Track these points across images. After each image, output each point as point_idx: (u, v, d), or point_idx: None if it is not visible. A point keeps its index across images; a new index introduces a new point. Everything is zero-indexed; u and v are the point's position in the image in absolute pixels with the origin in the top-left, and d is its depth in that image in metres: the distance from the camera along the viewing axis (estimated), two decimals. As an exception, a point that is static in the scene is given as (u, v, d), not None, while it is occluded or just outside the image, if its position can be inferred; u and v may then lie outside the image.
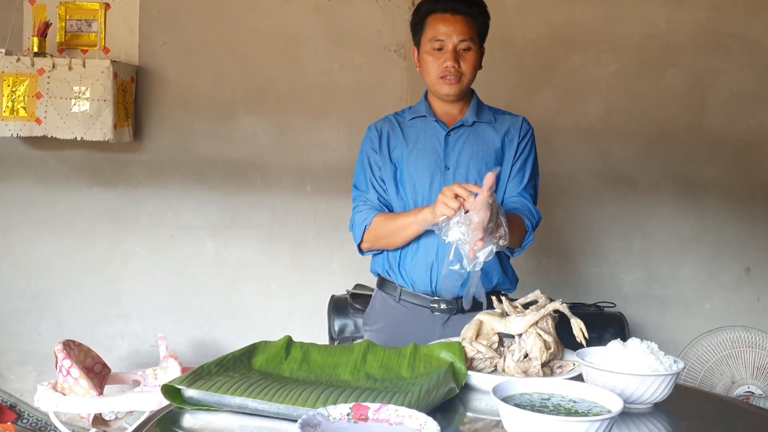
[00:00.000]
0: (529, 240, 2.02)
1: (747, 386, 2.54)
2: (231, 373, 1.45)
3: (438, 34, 2.03)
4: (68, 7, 3.60)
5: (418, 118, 2.14)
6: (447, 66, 2.02)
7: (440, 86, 2.06)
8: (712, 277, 3.58)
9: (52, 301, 3.71)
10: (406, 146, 2.11)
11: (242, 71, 3.63)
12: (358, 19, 3.57)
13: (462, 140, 2.09)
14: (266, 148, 3.64)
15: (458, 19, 2.02)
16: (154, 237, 3.69)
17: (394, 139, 2.12)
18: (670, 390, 1.44)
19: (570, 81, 3.55)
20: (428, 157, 2.08)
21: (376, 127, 2.16)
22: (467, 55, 2.04)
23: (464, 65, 2.04)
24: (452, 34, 2.02)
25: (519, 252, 2.05)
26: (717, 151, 3.53)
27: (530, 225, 2.01)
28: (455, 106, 2.12)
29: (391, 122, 2.16)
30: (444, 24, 2.02)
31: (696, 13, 3.49)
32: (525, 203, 2.06)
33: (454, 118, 2.12)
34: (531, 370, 1.57)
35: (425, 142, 2.10)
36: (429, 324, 2.06)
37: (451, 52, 2.02)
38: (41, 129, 3.33)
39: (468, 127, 2.10)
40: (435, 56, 2.04)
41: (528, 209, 2.04)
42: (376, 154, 2.12)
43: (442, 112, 2.13)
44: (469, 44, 2.03)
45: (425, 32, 2.06)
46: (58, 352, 2.87)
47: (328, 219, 3.58)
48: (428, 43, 2.05)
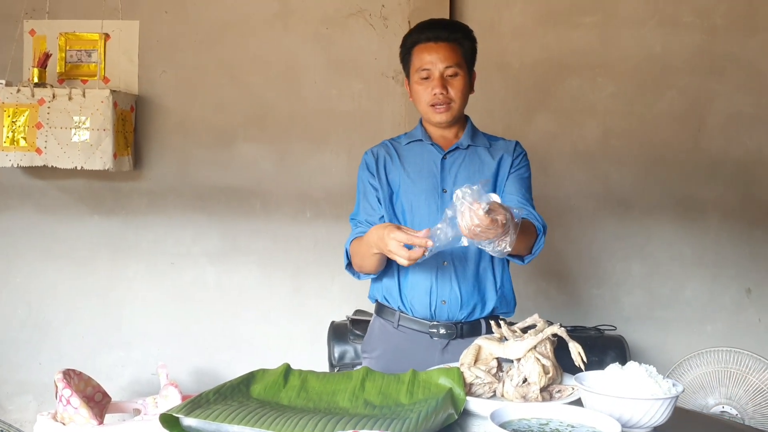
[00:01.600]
0: (540, 245, 2.00)
1: (722, 406, 2.54)
2: (229, 401, 1.45)
3: (424, 64, 2.06)
4: (68, 38, 3.64)
5: (414, 143, 2.16)
6: (435, 93, 2.05)
7: (432, 114, 2.09)
8: (713, 299, 3.57)
9: (53, 330, 3.71)
10: (403, 170, 2.12)
11: (241, 98, 3.66)
12: (355, 46, 3.60)
13: (458, 163, 2.11)
14: (266, 175, 3.65)
15: (442, 46, 2.05)
16: (154, 265, 3.69)
17: (391, 164, 2.14)
18: (669, 413, 1.44)
19: (567, 105, 3.57)
20: (425, 181, 2.10)
21: (372, 152, 2.18)
22: (454, 81, 2.06)
23: (452, 91, 2.06)
24: (437, 62, 2.04)
25: (530, 258, 2.03)
26: (715, 172, 3.54)
27: (541, 228, 2.00)
28: (450, 130, 2.15)
29: (387, 147, 2.18)
30: (428, 53, 2.05)
31: (691, 35, 3.52)
32: (529, 210, 2.05)
33: (449, 141, 2.14)
34: (530, 395, 1.57)
35: (422, 165, 2.12)
36: (428, 350, 2.05)
37: (438, 79, 2.04)
38: (42, 159, 3.35)
39: (464, 149, 2.12)
40: (423, 85, 2.07)
41: (533, 215, 2.03)
42: (373, 178, 2.14)
43: (438, 136, 2.15)
44: (455, 70, 2.06)
45: (412, 63, 2.10)
46: (58, 381, 2.86)
47: (329, 244, 3.59)
48: (416, 73, 2.08)
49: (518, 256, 2.02)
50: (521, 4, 3.57)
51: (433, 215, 2.05)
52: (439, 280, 2.03)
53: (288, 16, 3.64)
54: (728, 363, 2.55)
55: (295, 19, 3.64)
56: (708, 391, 2.59)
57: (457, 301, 2.04)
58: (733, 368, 2.53)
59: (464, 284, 2.04)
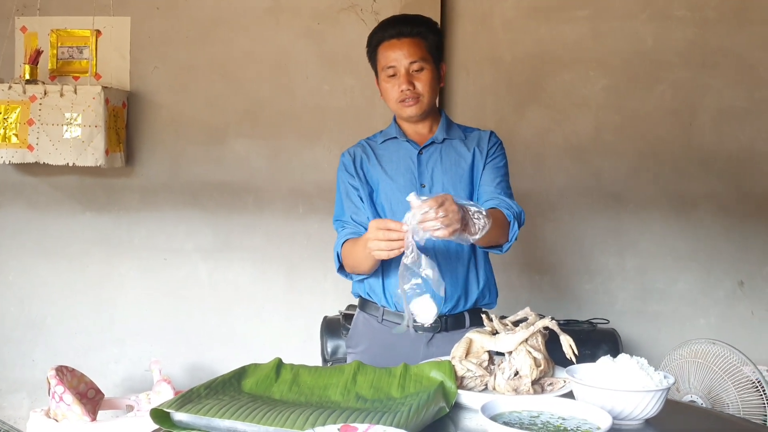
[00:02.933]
0: (515, 231, 2.00)
1: (690, 395, 2.56)
2: (220, 396, 1.45)
3: (389, 62, 2.07)
4: (59, 35, 3.63)
5: (389, 140, 2.17)
6: (402, 90, 2.06)
7: (401, 110, 2.10)
8: (706, 292, 3.58)
9: (46, 327, 3.70)
10: (380, 168, 2.13)
11: (234, 95, 3.65)
12: (347, 41, 3.59)
13: (434, 157, 2.12)
14: (258, 171, 3.65)
15: (405, 42, 2.06)
16: (147, 261, 3.68)
17: (368, 163, 2.15)
18: (660, 405, 1.44)
19: (559, 99, 3.58)
20: (403, 177, 2.11)
21: (349, 152, 2.20)
22: (421, 76, 2.07)
23: (419, 85, 2.07)
24: (402, 58, 2.05)
25: (507, 246, 2.03)
26: (708, 166, 3.55)
27: (511, 215, 2.00)
28: (424, 125, 2.16)
29: (363, 147, 2.20)
30: (392, 50, 2.06)
31: (683, 29, 3.52)
32: (502, 198, 2.05)
33: (424, 137, 2.16)
34: (521, 388, 1.57)
35: (399, 162, 2.13)
36: (413, 343, 2.06)
37: (404, 75, 2.05)
38: (33, 155, 3.34)
39: (439, 144, 2.13)
40: (391, 83, 2.08)
41: (506, 203, 2.03)
42: (353, 178, 2.15)
43: (413, 132, 2.16)
44: (420, 65, 2.06)
45: (379, 61, 2.11)
46: (51, 378, 2.86)
47: (321, 240, 3.58)
48: (383, 72, 2.10)
49: (497, 246, 2.02)
50: (513, -2, 3.57)
51: None
52: None
53: (279, 12, 3.63)
54: (709, 356, 2.57)
55: (286, 15, 3.63)
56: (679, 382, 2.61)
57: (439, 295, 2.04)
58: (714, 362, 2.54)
59: (447, 279, 2.04)
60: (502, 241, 2.00)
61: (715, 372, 2.54)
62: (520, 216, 2.03)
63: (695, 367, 2.61)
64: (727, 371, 2.53)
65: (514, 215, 2.00)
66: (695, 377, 2.59)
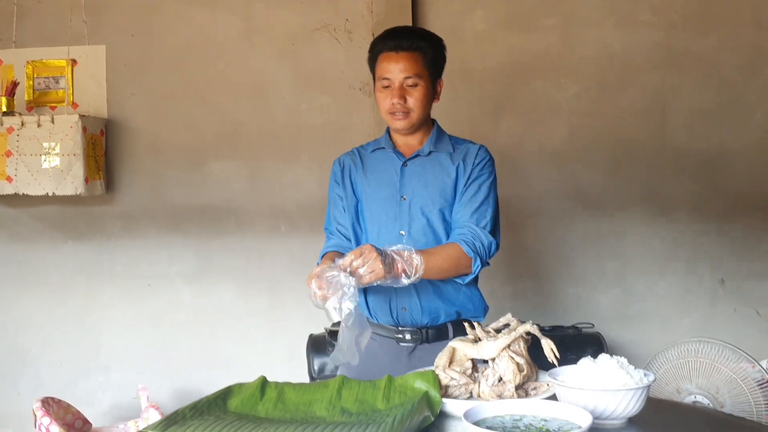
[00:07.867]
0: (477, 266, 2.00)
1: (693, 396, 2.58)
2: (206, 416, 1.45)
3: (384, 73, 2.08)
4: (35, 66, 3.63)
5: (378, 150, 2.19)
6: (393, 103, 2.06)
7: (391, 121, 2.11)
8: (688, 292, 3.62)
9: (30, 358, 3.68)
10: (365, 178, 2.15)
11: (211, 117, 3.66)
12: (321, 60, 3.62)
13: (418, 170, 2.12)
14: (239, 192, 3.66)
15: (403, 56, 2.06)
16: (130, 288, 3.67)
17: (356, 172, 2.17)
18: (642, 403, 1.46)
19: (532, 106, 3.61)
20: (385, 189, 2.12)
21: (339, 161, 2.22)
22: (414, 91, 2.07)
23: (411, 101, 2.07)
24: (397, 72, 2.06)
25: (468, 278, 2.03)
26: (681, 167, 3.59)
27: (471, 251, 1.98)
28: (414, 137, 2.16)
29: (353, 155, 2.21)
30: (389, 62, 2.07)
31: (649, 33, 3.57)
32: (472, 230, 2.02)
33: (413, 148, 2.16)
34: (506, 394, 1.59)
35: (383, 173, 2.14)
36: (396, 354, 2.08)
37: (398, 89, 2.06)
38: (12, 187, 3.33)
39: (424, 157, 2.13)
40: (384, 93, 2.09)
41: (474, 236, 2.01)
42: (339, 187, 2.18)
43: (403, 143, 2.17)
44: (415, 80, 2.06)
45: (377, 70, 2.12)
46: (37, 410, 2.83)
47: (304, 258, 3.58)
48: (378, 81, 2.11)
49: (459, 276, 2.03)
50: (482, 9, 3.61)
51: (392, 223, 2.07)
52: (399, 290, 2.00)
53: (254, 34, 3.65)
54: (699, 354, 2.58)
55: (260, 37, 3.65)
56: (680, 382, 2.63)
57: (417, 307, 2.06)
58: (703, 359, 2.56)
59: (423, 291, 2.06)
60: (461, 273, 2.01)
61: (722, 371, 2.54)
62: (490, 248, 2.02)
63: (696, 366, 2.60)
64: (732, 370, 2.52)
65: (476, 251, 1.99)
66: (698, 377, 2.58)
